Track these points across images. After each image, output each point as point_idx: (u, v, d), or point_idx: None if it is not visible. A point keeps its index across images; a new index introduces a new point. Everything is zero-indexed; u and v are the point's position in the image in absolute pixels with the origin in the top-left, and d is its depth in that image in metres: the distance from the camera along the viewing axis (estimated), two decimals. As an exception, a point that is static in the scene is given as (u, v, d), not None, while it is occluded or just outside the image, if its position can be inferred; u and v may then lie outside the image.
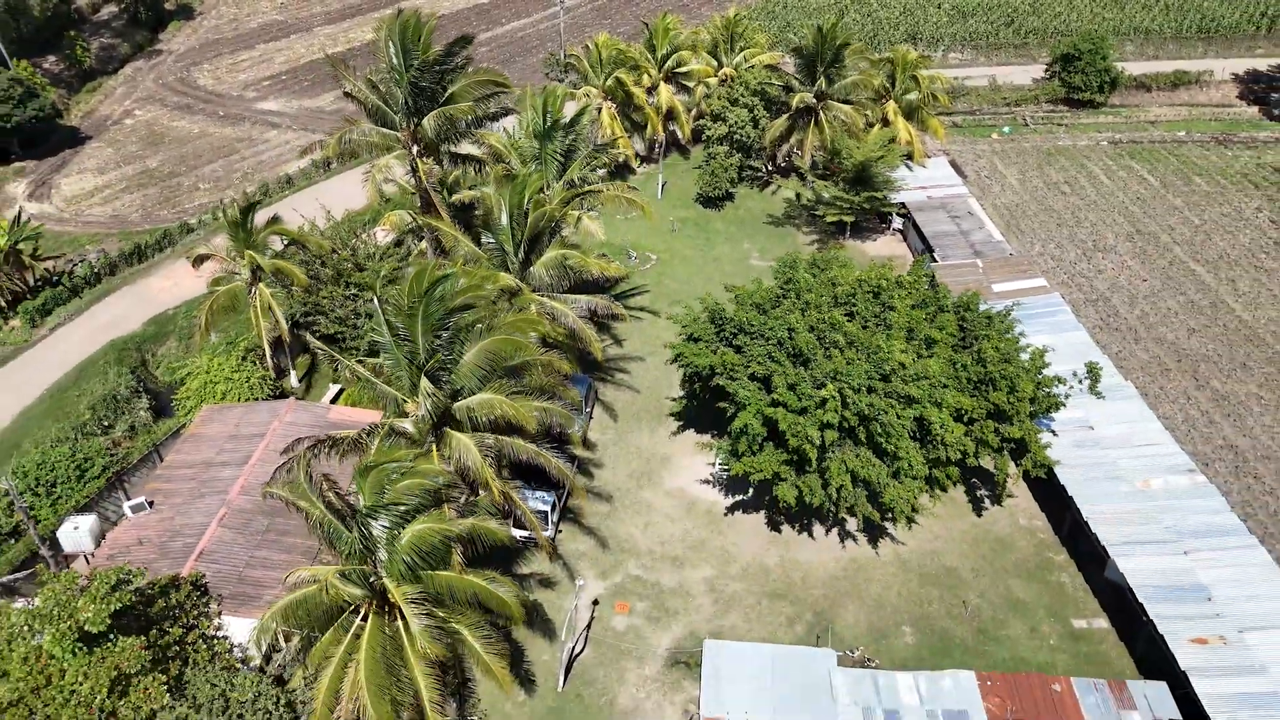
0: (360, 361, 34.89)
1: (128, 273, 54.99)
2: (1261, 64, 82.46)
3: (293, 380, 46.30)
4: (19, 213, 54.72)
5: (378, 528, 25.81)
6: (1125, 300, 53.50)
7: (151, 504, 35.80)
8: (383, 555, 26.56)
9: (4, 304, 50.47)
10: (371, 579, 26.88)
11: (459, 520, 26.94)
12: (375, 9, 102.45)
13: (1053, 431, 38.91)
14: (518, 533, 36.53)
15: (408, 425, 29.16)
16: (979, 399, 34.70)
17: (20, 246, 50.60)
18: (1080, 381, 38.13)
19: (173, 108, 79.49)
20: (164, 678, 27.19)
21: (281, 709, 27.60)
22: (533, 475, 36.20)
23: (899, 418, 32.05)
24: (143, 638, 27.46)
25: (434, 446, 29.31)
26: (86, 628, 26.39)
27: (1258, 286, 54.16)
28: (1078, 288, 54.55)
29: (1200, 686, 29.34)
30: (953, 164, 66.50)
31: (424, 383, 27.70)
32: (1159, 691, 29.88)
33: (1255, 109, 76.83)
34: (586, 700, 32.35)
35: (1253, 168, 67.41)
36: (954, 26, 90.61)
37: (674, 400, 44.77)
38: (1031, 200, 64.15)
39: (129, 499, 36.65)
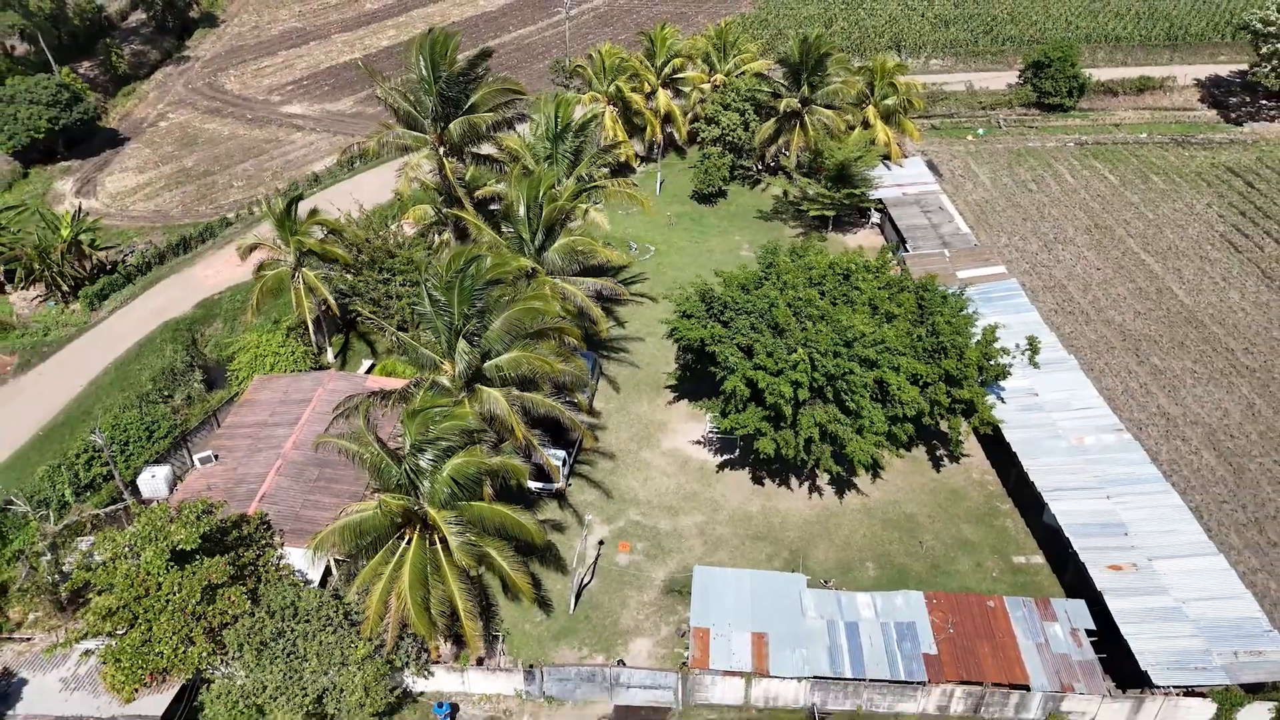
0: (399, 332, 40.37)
1: (174, 262, 60.38)
2: (1224, 70, 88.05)
3: (329, 356, 51.72)
4: (79, 207, 60.29)
5: (424, 461, 31.23)
6: (1080, 287, 58.96)
7: (216, 457, 41.31)
8: (426, 486, 31.99)
9: (67, 289, 55.85)
10: (415, 508, 32.32)
11: (490, 457, 32.39)
12: (389, 16, 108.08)
13: (1002, 399, 44.37)
14: (534, 485, 42.09)
15: (445, 381, 34.65)
16: (933, 366, 40.14)
17: (81, 238, 56.08)
18: (1022, 353, 43.55)
19: (203, 111, 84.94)
20: (244, 589, 32.70)
21: (340, 616, 33.00)
22: (547, 436, 41.58)
23: (860, 378, 37.47)
24: (225, 557, 32.93)
25: (466, 400, 34.75)
26: (180, 547, 31.86)
27: (1200, 275, 59.62)
28: (1037, 275, 60.01)
29: (1113, 604, 34.78)
30: (929, 164, 71.97)
31: (461, 343, 33.22)
32: (1077, 607, 35.35)
33: (1214, 112, 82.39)
34: (594, 621, 37.79)
35: (1207, 167, 72.91)
36: (936, 34, 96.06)
37: (669, 374, 50.34)
38: (1001, 197, 69.63)
39: (193, 455, 42.12)
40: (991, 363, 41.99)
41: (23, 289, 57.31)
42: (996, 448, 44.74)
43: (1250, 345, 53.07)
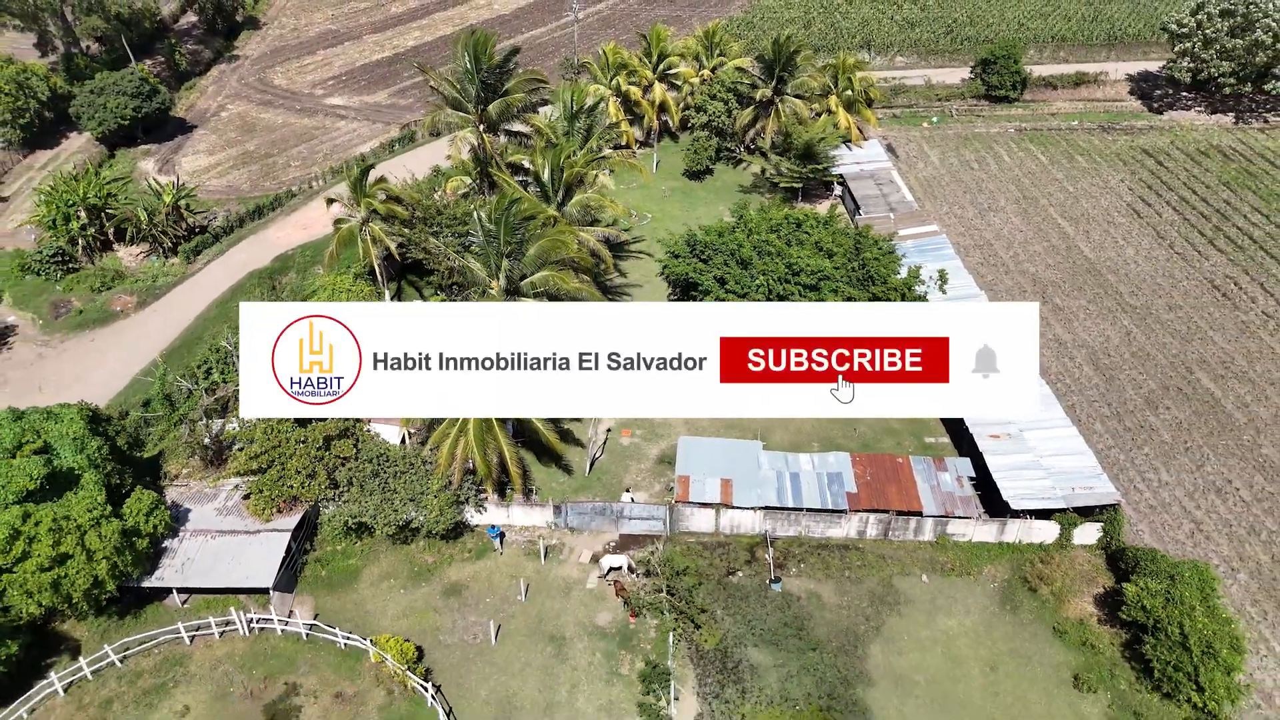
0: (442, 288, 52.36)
1: (251, 226, 72.52)
2: (1153, 65, 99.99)
3: (386, 298, 63.77)
4: (177, 178, 72.33)
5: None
6: (1004, 245, 71.01)
7: (311, 363, 53.39)
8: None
9: (168, 246, 67.94)
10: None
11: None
12: (414, 19, 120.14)
13: (924, 323, 56.40)
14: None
15: (493, 293, 46.73)
16: (863, 291, 52.19)
17: (180, 203, 68.19)
18: (935, 284, 55.64)
19: (256, 103, 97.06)
20: (350, 441, 44.81)
21: (419, 463, 45.04)
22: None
23: (803, 298, 49.53)
24: (334, 420, 45.03)
25: (509, 308, 46.76)
26: (304, 409, 43.95)
27: (1104, 236, 71.68)
28: (969, 236, 72.05)
29: (991, 460, 46.75)
30: (888, 146, 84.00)
31: (505, 263, 45.31)
32: (963, 462, 47.49)
33: (1140, 103, 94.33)
34: (605, 480, 49.86)
35: (1125, 149, 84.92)
36: (902, 35, 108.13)
37: (663, 310, 62.39)
38: (947, 174, 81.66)
39: (291, 364, 54.15)
40: (912, 290, 53.98)
41: (129, 246, 69.42)
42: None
43: (1136, 289, 65.12)
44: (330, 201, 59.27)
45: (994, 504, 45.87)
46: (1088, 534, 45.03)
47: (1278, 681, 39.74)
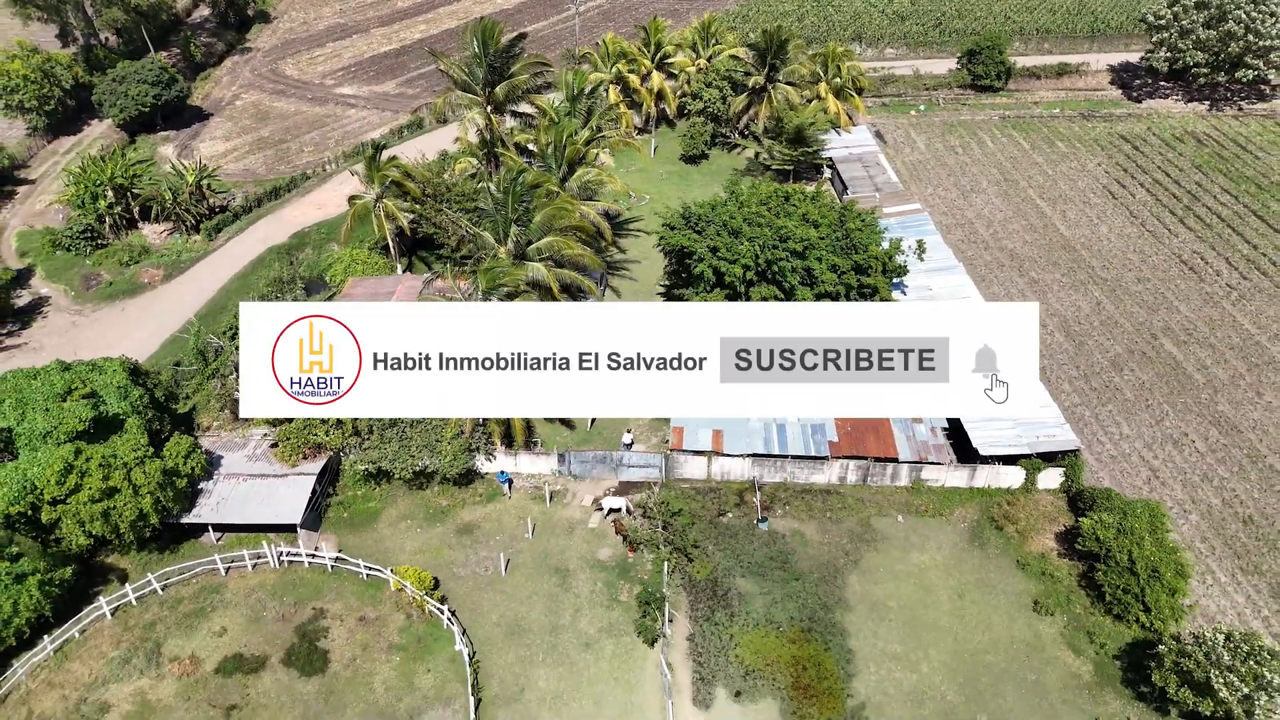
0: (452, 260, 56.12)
1: (268, 206, 76.19)
2: (1133, 56, 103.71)
3: (398, 271, 67.44)
4: (199, 159, 76.08)
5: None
6: (985, 224, 74.72)
7: (331, 327, 57.13)
8: (492, 324, 47.73)
9: (190, 224, 71.63)
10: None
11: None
12: (419, 13, 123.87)
13: (904, 293, 60.11)
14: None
15: (502, 257, 50.42)
16: (846, 259, 55.84)
17: (203, 183, 71.88)
18: (914, 253, 59.33)
19: (270, 92, 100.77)
20: (370, 392, 48.48)
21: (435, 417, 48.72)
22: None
23: (790, 264, 53.21)
24: (355, 374, 48.71)
25: (516, 270, 50.43)
26: (328, 363, 47.67)
27: (1080, 215, 75.40)
28: (952, 216, 75.76)
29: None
30: (877, 133, 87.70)
31: (513, 229, 48.99)
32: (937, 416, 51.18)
33: (1119, 92, 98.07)
34: (605, 434, 53.53)
35: (1104, 135, 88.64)
36: (892, 27, 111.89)
37: (659, 282, 66.09)
38: (932, 158, 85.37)
39: (311, 330, 57.90)
40: (893, 260, 57.62)
41: (154, 224, 73.10)
42: (901, 329, 60.45)
43: (1107, 264, 68.83)
44: (354, 172, 62.95)
45: (965, 452, 49.57)
46: (1051, 478, 48.71)
47: (1221, 606, 43.41)
